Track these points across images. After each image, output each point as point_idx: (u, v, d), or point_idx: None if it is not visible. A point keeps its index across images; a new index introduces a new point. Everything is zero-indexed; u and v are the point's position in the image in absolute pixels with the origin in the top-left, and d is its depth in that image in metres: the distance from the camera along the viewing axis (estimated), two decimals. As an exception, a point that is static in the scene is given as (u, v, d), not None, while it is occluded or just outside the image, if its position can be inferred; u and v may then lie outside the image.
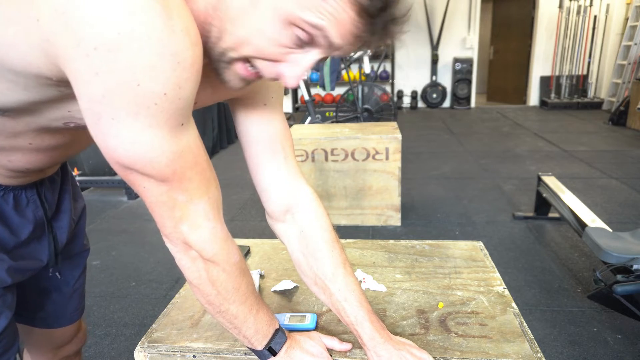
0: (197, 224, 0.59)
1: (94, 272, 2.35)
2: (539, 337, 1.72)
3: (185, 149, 0.54)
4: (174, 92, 0.48)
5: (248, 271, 0.69)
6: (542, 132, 5.46)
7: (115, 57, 0.44)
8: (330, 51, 0.54)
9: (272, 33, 0.52)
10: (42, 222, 0.81)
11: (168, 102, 0.48)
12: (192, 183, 0.57)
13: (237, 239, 1.19)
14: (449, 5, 7.35)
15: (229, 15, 0.52)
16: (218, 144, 5.03)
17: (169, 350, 0.78)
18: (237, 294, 0.66)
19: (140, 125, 0.49)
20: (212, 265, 0.62)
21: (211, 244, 0.61)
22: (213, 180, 0.61)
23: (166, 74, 0.46)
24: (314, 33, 0.51)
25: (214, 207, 0.61)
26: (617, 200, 3.12)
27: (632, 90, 5.65)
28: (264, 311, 0.70)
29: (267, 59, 0.55)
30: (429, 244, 1.15)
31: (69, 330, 1.01)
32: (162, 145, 0.51)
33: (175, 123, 0.51)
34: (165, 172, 0.53)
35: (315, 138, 2.73)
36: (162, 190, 0.55)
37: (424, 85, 7.88)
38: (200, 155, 0.57)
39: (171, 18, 0.45)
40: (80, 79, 0.46)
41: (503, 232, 2.68)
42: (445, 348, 0.76)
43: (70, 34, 0.43)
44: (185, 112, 0.52)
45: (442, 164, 4.21)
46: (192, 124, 0.56)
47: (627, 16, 6.67)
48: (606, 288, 1.77)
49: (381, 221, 2.83)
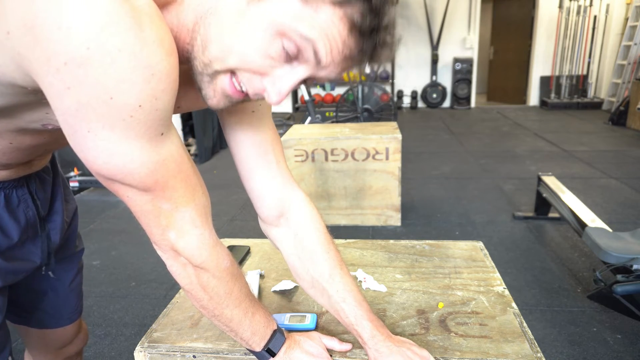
0: (184, 231, 0.59)
1: (94, 272, 2.36)
2: (539, 337, 1.72)
3: (166, 157, 0.53)
4: (150, 103, 0.47)
5: (241, 275, 0.69)
6: (542, 132, 5.46)
7: (86, 72, 0.43)
8: (316, 70, 0.53)
9: (260, 43, 0.51)
10: (35, 222, 0.81)
11: (144, 114, 0.48)
12: (177, 191, 0.56)
13: (237, 239, 1.20)
14: (449, 5, 7.35)
15: (217, 23, 0.51)
16: (218, 144, 5.02)
17: (169, 350, 0.78)
18: (229, 299, 0.66)
19: (117, 137, 0.48)
20: (202, 272, 0.62)
21: (199, 251, 0.61)
22: (199, 186, 0.60)
23: (140, 87, 0.46)
24: (302, 46, 0.50)
25: (201, 213, 0.60)
26: (617, 200, 3.12)
27: (632, 90, 5.65)
28: (260, 313, 0.70)
29: (252, 71, 0.53)
30: (429, 244, 1.15)
31: (69, 330, 1.01)
32: (141, 155, 0.51)
33: (155, 133, 0.51)
34: (147, 182, 0.53)
35: (315, 138, 2.73)
36: (145, 200, 0.55)
37: (424, 85, 7.88)
38: (184, 163, 0.57)
39: (143, 30, 0.45)
40: (53, 93, 0.46)
41: (503, 232, 2.68)
42: (445, 348, 0.76)
43: (40, 49, 0.43)
44: (164, 122, 0.51)
45: (442, 164, 4.21)
46: (174, 132, 0.55)
47: (627, 16, 6.67)
48: (606, 288, 1.77)
49: (381, 221, 2.83)
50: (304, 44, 0.50)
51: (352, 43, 0.51)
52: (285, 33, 0.50)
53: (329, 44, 0.50)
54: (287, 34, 0.50)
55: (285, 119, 6.82)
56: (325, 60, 0.51)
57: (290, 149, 2.75)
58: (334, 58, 0.52)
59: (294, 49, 0.51)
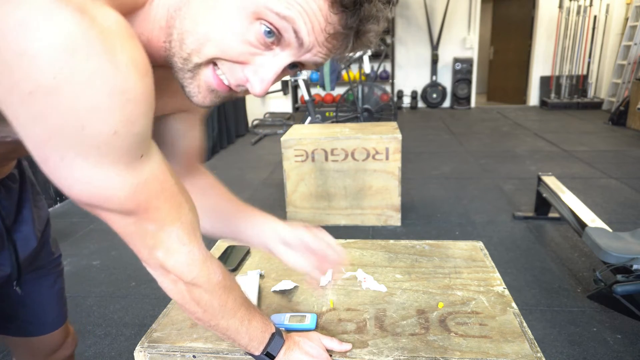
0: (172, 249, 0.57)
1: (94, 272, 2.36)
2: (539, 337, 1.72)
3: (148, 178, 0.51)
4: (126, 129, 0.44)
5: (234, 286, 0.68)
6: (542, 132, 5.46)
7: (53, 101, 0.40)
8: (300, 53, 0.50)
9: (236, 27, 0.48)
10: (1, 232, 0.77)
11: (120, 139, 0.45)
12: (161, 211, 0.54)
13: (237, 239, 1.20)
14: (449, 5, 7.35)
15: (191, 13, 0.48)
16: (218, 144, 5.03)
17: (169, 350, 0.78)
18: (224, 310, 0.65)
19: (92, 164, 0.45)
20: (194, 287, 0.61)
21: (189, 268, 0.59)
22: (185, 202, 0.58)
23: (114, 113, 0.43)
24: (281, 27, 0.47)
25: (189, 230, 0.58)
26: (617, 200, 3.12)
27: (632, 90, 5.65)
28: (257, 319, 0.70)
29: (232, 60, 0.50)
30: (429, 244, 1.15)
31: (56, 336, 0.98)
32: (120, 180, 0.48)
33: (133, 157, 0.48)
34: (128, 205, 0.51)
35: (315, 138, 2.73)
36: (129, 222, 0.53)
37: (424, 85, 7.88)
38: (167, 181, 0.54)
39: (115, 54, 0.41)
40: (19, 123, 0.42)
41: (503, 232, 2.68)
42: (445, 348, 0.76)
43: (3, 77, 0.39)
44: (142, 144, 0.48)
45: (442, 164, 4.21)
46: (154, 150, 0.52)
47: (627, 16, 6.67)
48: (606, 288, 1.78)
49: (381, 221, 2.83)
50: (282, 25, 0.47)
51: (335, 19, 0.48)
52: (260, 14, 0.47)
53: (309, 22, 0.47)
54: (262, 15, 0.47)
55: (285, 119, 6.82)
56: (307, 40, 0.48)
57: (290, 149, 2.75)
58: (317, 37, 0.48)
59: (274, 30, 0.48)
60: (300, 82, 4.82)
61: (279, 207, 3.01)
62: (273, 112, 7.60)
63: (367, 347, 0.77)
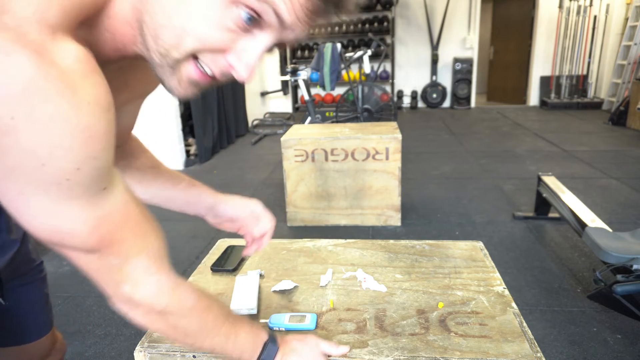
0: (139, 281, 0.54)
1: (94, 272, 2.35)
2: (539, 337, 1.72)
3: (111, 211, 0.49)
4: (89, 164, 0.44)
5: (212, 304, 0.65)
6: (542, 132, 5.46)
7: (11, 141, 0.39)
8: (281, 33, 0.49)
9: (213, 15, 0.45)
10: None
11: (82, 175, 0.44)
12: (125, 243, 0.52)
13: (238, 239, 1.19)
14: (449, 5, 7.35)
15: (160, 5, 0.46)
16: (218, 144, 5.03)
17: (169, 350, 0.78)
18: (205, 331, 0.63)
19: (52, 200, 0.44)
20: (167, 316, 0.59)
21: (159, 298, 0.57)
22: (151, 230, 0.56)
23: (76, 151, 0.42)
24: (261, 9, 0.46)
25: (155, 259, 0.56)
26: (617, 200, 3.12)
27: (632, 90, 5.65)
28: (245, 330, 0.68)
29: (213, 50, 0.48)
30: (429, 244, 1.15)
31: (43, 343, 0.96)
32: (80, 216, 0.46)
33: (95, 190, 0.47)
34: (90, 241, 0.49)
35: (315, 138, 2.73)
36: (91, 259, 0.51)
37: (424, 85, 7.89)
38: (131, 210, 0.52)
39: (75, 93, 0.41)
40: None
41: (503, 232, 2.68)
42: (445, 348, 0.76)
43: None
44: (105, 177, 0.47)
45: (442, 164, 4.21)
46: (117, 180, 0.51)
47: (627, 16, 6.67)
48: (606, 288, 1.78)
49: (381, 221, 2.83)
50: (262, 7, 0.46)
51: None
52: None
53: (289, 1, 0.46)
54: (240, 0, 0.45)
55: (285, 119, 6.83)
56: (288, 19, 0.47)
57: (290, 149, 2.75)
58: (298, 14, 0.47)
59: (253, 15, 0.46)
60: (300, 82, 4.82)
61: (279, 207, 3.01)
62: (273, 112, 7.61)
63: (367, 347, 0.77)
